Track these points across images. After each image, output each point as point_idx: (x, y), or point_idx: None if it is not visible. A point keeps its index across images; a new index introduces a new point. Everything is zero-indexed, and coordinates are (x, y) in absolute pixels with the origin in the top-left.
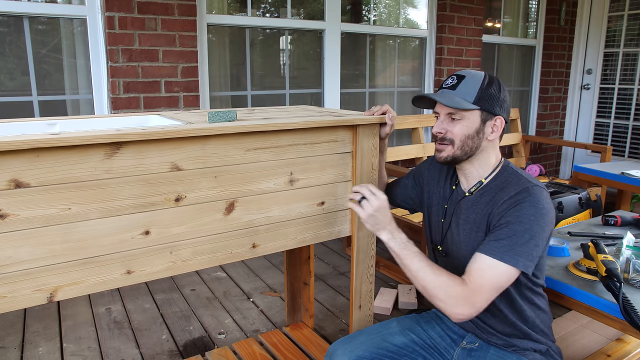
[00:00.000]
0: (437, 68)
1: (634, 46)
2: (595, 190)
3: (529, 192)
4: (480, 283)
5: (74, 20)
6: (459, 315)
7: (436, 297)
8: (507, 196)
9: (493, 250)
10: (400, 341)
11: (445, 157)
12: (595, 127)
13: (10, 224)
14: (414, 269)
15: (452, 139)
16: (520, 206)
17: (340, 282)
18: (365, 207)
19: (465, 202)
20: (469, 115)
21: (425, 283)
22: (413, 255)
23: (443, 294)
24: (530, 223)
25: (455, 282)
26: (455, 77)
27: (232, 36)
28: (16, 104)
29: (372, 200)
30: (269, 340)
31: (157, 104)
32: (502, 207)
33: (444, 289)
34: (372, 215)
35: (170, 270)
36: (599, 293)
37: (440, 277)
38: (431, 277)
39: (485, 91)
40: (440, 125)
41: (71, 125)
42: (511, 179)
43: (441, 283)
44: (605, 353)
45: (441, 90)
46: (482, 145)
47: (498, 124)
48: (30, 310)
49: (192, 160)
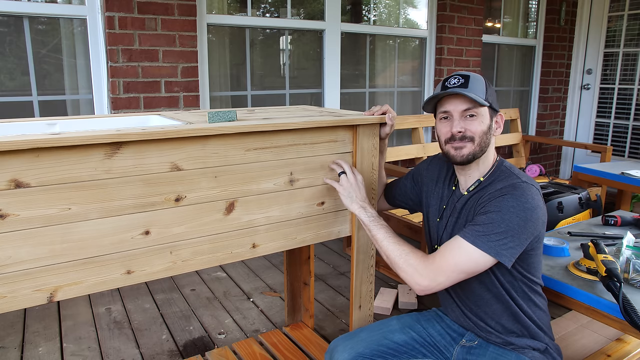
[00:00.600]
0: (437, 68)
1: (634, 46)
2: (595, 190)
3: (515, 186)
4: (446, 260)
5: (74, 20)
6: (417, 285)
7: (397, 266)
8: (493, 189)
9: (467, 234)
10: (400, 339)
11: (467, 154)
12: (595, 127)
13: (10, 224)
14: (379, 238)
15: (472, 136)
16: (502, 198)
17: (340, 282)
18: (343, 181)
19: (461, 202)
20: (483, 111)
21: (388, 252)
22: (380, 227)
23: (403, 262)
24: (509, 214)
25: (417, 254)
26: (461, 77)
27: (232, 36)
28: (16, 104)
29: (350, 175)
30: (269, 340)
31: (157, 104)
32: (485, 198)
33: (404, 258)
34: (348, 189)
35: (170, 270)
36: (599, 293)
37: (403, 247)
38: (394, 247)
39: (488, 89)
40: (459, 124)
41: (71, 125)
42: (502, 175)
43: (402, 252)
44: (605, 353)
45: (451, 90)
46: (490, 141)
47: (500, 120)
48: (30, 310)
49: (192, 160)
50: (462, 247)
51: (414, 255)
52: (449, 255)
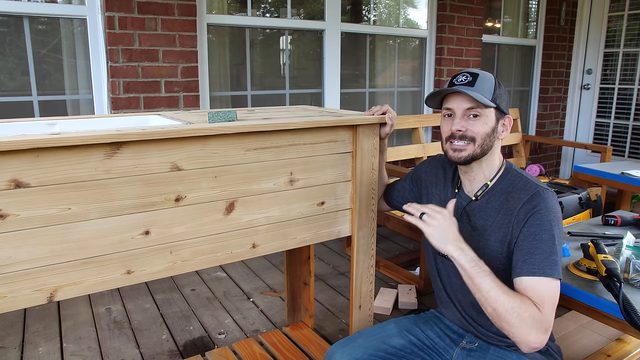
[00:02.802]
0: (437, 68)
1: (634, 46)
2: (595, 190)
3: (541, 196)
4: (547, 305)
5: (74, 20)
6: (532, 343)
7: (507, 322)
8: (519, 203)
9: (534, 270)
10: (398, 343)
11: (466, 156)
12: (595, 127)
13: (10, 224)
14: (485, 289)
15: (474, 136)
16: (538, 214)
17: (340, 282)
18: (429, 221)
19: (472, 207)
20: (488, 112)
21: (497, 305)
22: (484, 273)
23: (517, 318)
24: (552, 229)
25: (528, 304)
26: (469, 75)
27: (232, 36)
28: (16, 104)
29: (436, 214)
30: (269, 340)
31: (157, 104)
32: (519, 216)
33: (517, 313)
34: (439, 229)
35: (170, 270)
36: (599, 293)
37: (513, 297)
38: (503, 298)
39: (497, 90)
40: (460, 123)
41: (71, 125)
42: (517, 182)
43: (514, 305)
44: (605, 353)
45: (457, 87)
46: (494, 144)
47: (507, 123)
48: (30, 310)
49: (192, 160)
50: (544, 283)
51: (527, 306)
52: (544, 299)
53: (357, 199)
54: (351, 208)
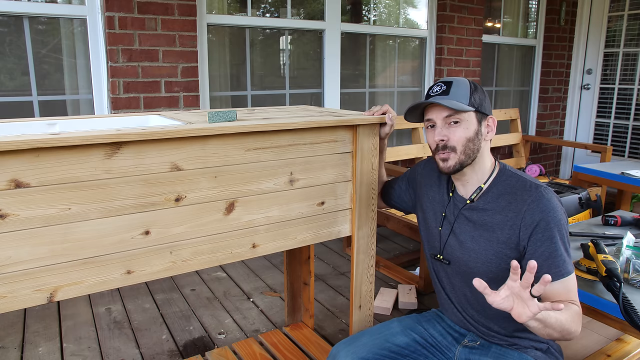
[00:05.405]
0: (437, 68)
1: (634, 46)
2: (595, 190)
3: (545, 197)
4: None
5: (74, 20)
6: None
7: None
8: (524, 205)
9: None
10: (402, 341)
11: (452, 165)
12: (595, 127)
13: (10, 224)
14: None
15: (454, 145)
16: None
17: (340, 282)
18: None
19: (469, 209)
20: (467, 117)
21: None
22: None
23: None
24: (562, 226)
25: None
26: (443, 84)
27: (232, 36)
28: (16, 104)
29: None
30: (269, 340)
31: (157, 104)
32: (526, 219)
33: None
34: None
35: (170, 270)
36: (599, 293)
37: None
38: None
39: (474, 93)
40: (442, 132)
41: (71, 125)
42: (515, 182)
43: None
44: (605, 353)
45: (433, 98)
46: (481, 146)
47: (491, 123)
48: (30, 310)
49: (192, 160)
50: (570, 281)
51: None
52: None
53: (357, 199)
54: (351, 208)
